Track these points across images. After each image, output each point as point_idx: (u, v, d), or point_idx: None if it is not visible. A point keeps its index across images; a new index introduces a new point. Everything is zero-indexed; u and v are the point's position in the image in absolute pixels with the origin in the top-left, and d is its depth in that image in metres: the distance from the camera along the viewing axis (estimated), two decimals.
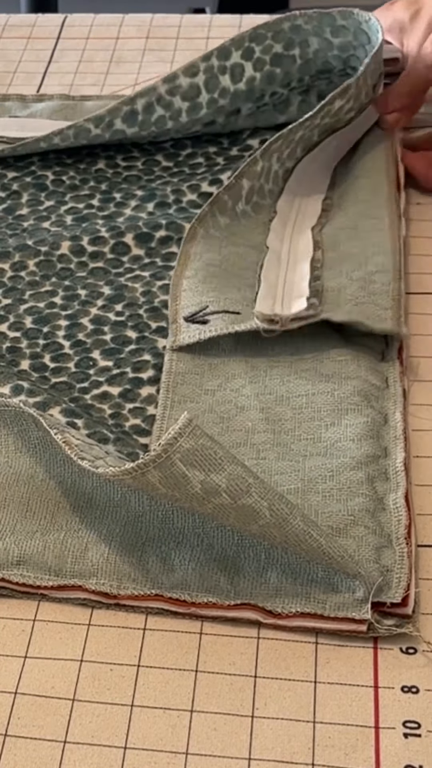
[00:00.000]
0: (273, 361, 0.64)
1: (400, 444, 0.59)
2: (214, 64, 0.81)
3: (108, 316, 0.70)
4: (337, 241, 0.72)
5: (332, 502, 0.55)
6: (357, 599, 0.51)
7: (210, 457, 0.49)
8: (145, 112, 0.81)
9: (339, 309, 0.65)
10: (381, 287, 0.67)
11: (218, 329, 0.64)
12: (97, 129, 0.82)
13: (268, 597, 0.52)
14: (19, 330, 0.69)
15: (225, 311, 0.65)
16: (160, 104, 0.81)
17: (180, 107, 0.81)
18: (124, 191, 0.80)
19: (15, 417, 0.58)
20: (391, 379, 0.63)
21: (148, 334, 0.68)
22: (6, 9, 1.09)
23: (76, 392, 0.65)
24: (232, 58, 0.81)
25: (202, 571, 0.53)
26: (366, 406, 0.60)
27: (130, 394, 0.64)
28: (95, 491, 0.56)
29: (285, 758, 0.48)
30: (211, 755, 0.48)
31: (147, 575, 0.53)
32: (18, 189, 0.81)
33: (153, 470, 0.49)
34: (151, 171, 0.82)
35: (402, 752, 0.47)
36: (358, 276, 0.68)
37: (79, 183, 0.82)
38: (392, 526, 0.54)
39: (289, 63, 0.82)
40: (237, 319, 0.64)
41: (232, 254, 0.70)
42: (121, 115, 0.81)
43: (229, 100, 0.82)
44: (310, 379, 0.62)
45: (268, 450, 0.59)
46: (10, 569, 0.54)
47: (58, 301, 0.71)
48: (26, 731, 0.49)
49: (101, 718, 0.49)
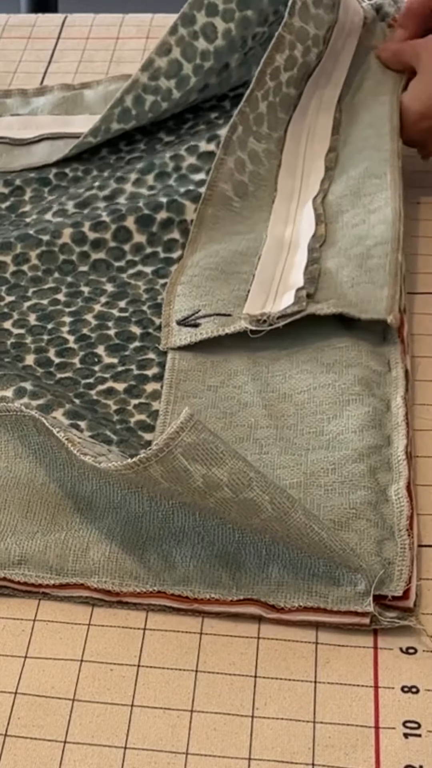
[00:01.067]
0: (274, 355, 0.64)
1: (401, 431, 0.58)
2: (182, 33, 0.80)
3: (112, 312, 0.70)
4: (340, 210, 0.72)
5: (334, 495, 0.55)
6: (359, 592, 0.51)
7: (212, 452, 0.49)
8: (136, 106, 0.81)
9: (330, 297, 0.65)
10: (378, 261, 0.67)
11: (209, 332, 0.64)
12: (97, 138, 0.82)
13: (270, 592, 0.52)
14: (23, 327, 0.69)
15: (216, 314, 0.65)
16: (147, 92, 0.81)
17: (168, 87, 0.81)
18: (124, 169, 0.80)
19: (15, 422, 0.58)
20: (392, 362, 0.63)
21: (152, 331, 0.68)
22: (6, 9, 1.09)
23: (81, 388, 0.65)
24: (198, 20, 0.80)
25: (204, 568, 0.53)
26: (368, 395, 0.60)
27: (135, 390, 0.64)
28: (95, 494, 0.56)
29: (285, 758, 0.48)
30: (211, 755, 0.48)
31: (149, 572, 0.54)
32: (21, 184, 0.81)
33: (155, 465, 0.49)
34: (154, 149, 0.82)
35: (402, 752, 0.47)
36: (356, 252, 0.68)
37: (82, 174, 0.82)
38: (394, 518, 0.54)
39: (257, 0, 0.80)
40: (227, 321, 0.64)
41: (230, 253, 0.70)
42: (114, 118, 0.81)
43: (213, 60, 0.81)
44: (312, 371, 0.62)
45: (270, 445, 0.59)
46: (12, 569, 0.54)
47: (61, 298, 0.71)
48: (26, 731, 0.49)
49: (101, 718, 0.49)
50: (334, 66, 0.79)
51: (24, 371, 0.66)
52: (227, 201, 0.74)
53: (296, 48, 0.76)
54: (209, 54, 0.81)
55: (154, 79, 0.81)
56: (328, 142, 0.77)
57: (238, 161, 0.75)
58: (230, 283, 0.67)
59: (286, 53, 0.76)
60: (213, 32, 0.80)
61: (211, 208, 0.73)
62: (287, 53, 0.76)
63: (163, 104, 0.81)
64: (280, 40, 0.76)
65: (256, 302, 0.66)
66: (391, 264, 0.66)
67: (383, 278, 0.65)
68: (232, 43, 0.81)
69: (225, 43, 0.80)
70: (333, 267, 0.67)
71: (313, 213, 0.72)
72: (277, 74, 0.76)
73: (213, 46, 0.80)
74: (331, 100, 0.79)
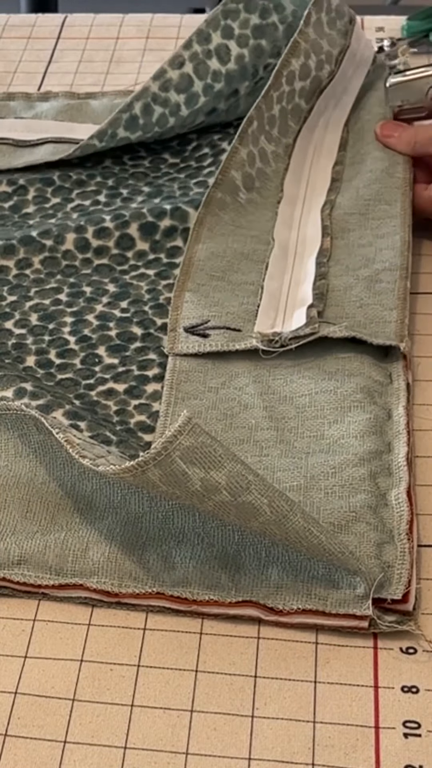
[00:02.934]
0: (276, 361, 0.64)
1: (402, 438, 0.58)
2: (197, 50, 0.80)
3: (113, 313, 0.70)
4: (347, 228, 0.72)
5: (334, 498, 0.55)
6: (358, 595, 0.51)
7: (210, 455, 0.49)
8: (144, 115, 0.81)
9: (339, 315, 0.65)
10: (387, 286, 0.67)
11: (218, 345, 0.64)
12: (102, 143, 0.82)
13: (269, 594, 0.52)
14: (24, 327, 0.69)
15: (226, 327, 0.65)
16: (157, 103, 0.81)
17: (177, 101, 0.81)
18: (131, 187, 0.80)
19: (16, 421, 0.58)
20: (394, 374, 0.63)
21: (153, 331, 0.68)
22: (6, 9, 1.09)
23: (81, 389, 0.65)
24: (213, 40, 0.80)
25: (203, 569, 0.53)
26: (369, 403, 0.60)
27: (136, 391, 0.64)
28: (95, 493, 0.56)
29: (285, 758, 0.48)
30: (211, 755, 0.48)
31: (148, 573, 0.54)
32: (24, 184, 0.81)
33: (153, 468, 0.49)
34: (158, 168, 0.82)
35: (402, 752, 0.47)
36: (364, 275, 0.68)
37: (86, 178, 0.82)
38: (394, 522, 0.54)
39: (272, 31, 0.81)
40: (237, 337, 0.64)
41: (236, 256, 0.70)
42: (122, 124, 0.81)
43: (224, 82, 0.81)
44: (313, 377, 0.62)
45: (271, 447, 0.59)
46: (11, 569, 0.54)
47: (63, 298, 0.71)
48: (26, 731, 0.49)
49: (101, 718, 0.49)
50: (343, 91, 0.80)
51: (24, 372, 0.66)
52: (235, 190, 0.74)
53: (310, 58, 0.77)
54: (221, 75, 0.81)
55: (164, 90, 0.81)
56: (335, 156, 0.77)
57: (250, 155, 0.75)
58: (238, 295, 0.67)
59: (302, 60, 0.77)
60: (227, 54, 0.81)
61: (220, 192, 0.74)
62: (302, 60, 0.77)
63: (171, 119, 0.82)
64: (295, 45, 0.77)
65: (265, 319, 0.66)
66: (400, 290, 0.67)
67: (392, 302, 0.66)
68: (243, 70, 0.81)
69: (237, 68, 0.81)
70: (341, 286, 0.67)
71: (320, 223, 0.72)
72: (292, 80, 0.77)
73: (225, 69, 0.81)
74: (338, 121, 0.79)
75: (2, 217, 0.78)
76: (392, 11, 1.11)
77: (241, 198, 0.74)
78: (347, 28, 0.80)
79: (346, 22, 0.80)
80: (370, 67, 0.82)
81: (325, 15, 0.78)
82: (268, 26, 0.81)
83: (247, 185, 0.75)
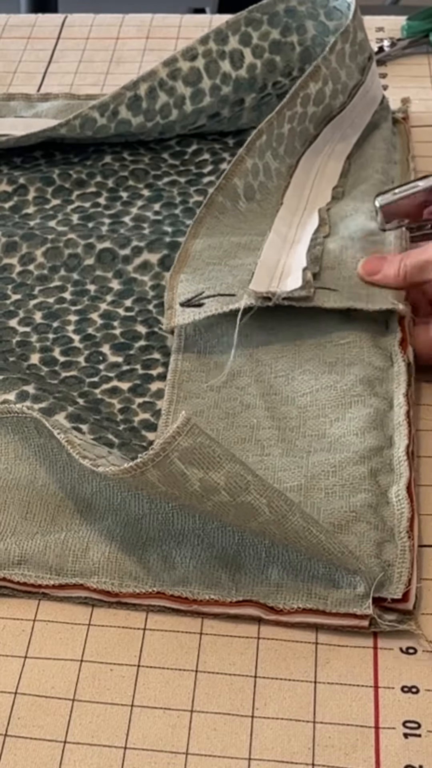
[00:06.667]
0: (276, 352, 0.64)
1: (403, 430, 0.58)
2: (212, 48, 0.81)
3: (117, 312, 0.70)
4: (344, 215, 0.72)
5: (335, 498, 0.55)
6: (358, 595, 0.51)
7: (208, 456, 0.49)
8: (148, 98, 0.81)
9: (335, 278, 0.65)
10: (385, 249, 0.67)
11: (212, 309, 0.64)
12: (103, 118, 0.81)
13: (270, 593, 0.52)
14: (29, 325, 0.70)
15: (220, 294, 0.65)
16: (162, 89, 0.81)
17: (183, 93, 0.81)
18: (131, 189, 0.80)
19: (16, 424, 0.58)
20: (394, 355, 0.63)
21: (157, 330, 0.68)
22: (6, 9, 1.09)
23: (86, 386, 0.65)
24: (230, 43, 0.81)
25: (204, 569, 0.53)
26: (369, 395, 0.60)
27: (140, 389, 0.64)
28: (95, 495, 0.56)
29: (285, 758, 0.48)
30: (211, 755, 0.48)
31: (148, 573, 0.54)
32: (25, 183, 0.81)
33: (152, 469, 0.49)
34: (158, 166, 0.82)
35: (402, 752, 0.47)
36: (359, 236, 0.68)
37: (86, 177, 0.82)
38: (394, 520, 0.54)
39: (288, 50, 0.82)
40: (232, 300, 0.64)
41: (232, 246, 0.70)
42: (125, 101, 0.81)
43: (232, 87, 0.82)
44: (314, 371, 0.62)
45: (272, 446, 0.59)
46: (11, 569, 0.54)
47: (67, 296, 0.72)
48: (26, 731, 0.49)
49: (101, 718, 0.49)
50: (350, 125, 0.80)
51: (28, 370, 0.66)
52: (236, 197, 0.74)
53: (327, 85, 0.77)
54: (230, 79, 0.82)
55: (172, 78, 0.81)
56: (336, 181, 0.77)
57: (254, 166, 0.75)
58: (234, 273, 0.67)
59: (319, 85, 0.77)
60: (240, 60, 0.81)
61: (221, 197, 0.74)
62: (320, 86, 0.77)
63: (174, 111, 0.82)
64: (316, 70, 0.77)
65: (260, 282, 0.66)
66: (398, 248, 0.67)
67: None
68: (253, 80, 0.82)
69: (247, 76, 0.82)
70: (336, 248, 0.67)
71: (318, 217, 0.72)
72: (306, 102, 0.77)
73: (235, 74, 0.81)
74: (341, 153, 0.79)
75: (2, 218, 0.78)
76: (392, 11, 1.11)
77: (241, 206, 0.74)
78: (365, 64, 0.80)
79: (365, 58, 0.80)
80: (377, 107, 0.82)
81: (349, 47, 0.78)
82: (286, 44, 0.82)
83: (248, 195, 0.75)
